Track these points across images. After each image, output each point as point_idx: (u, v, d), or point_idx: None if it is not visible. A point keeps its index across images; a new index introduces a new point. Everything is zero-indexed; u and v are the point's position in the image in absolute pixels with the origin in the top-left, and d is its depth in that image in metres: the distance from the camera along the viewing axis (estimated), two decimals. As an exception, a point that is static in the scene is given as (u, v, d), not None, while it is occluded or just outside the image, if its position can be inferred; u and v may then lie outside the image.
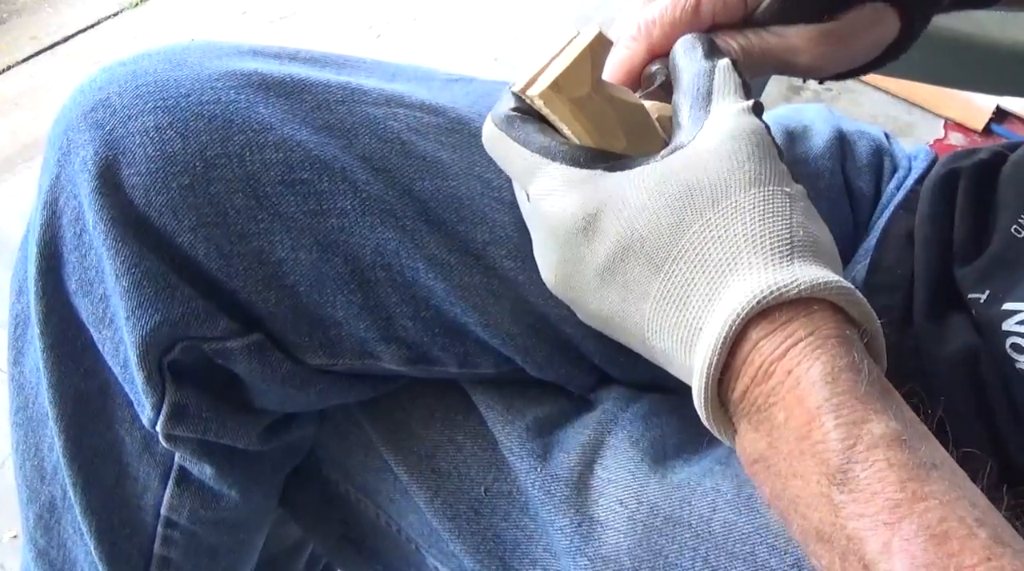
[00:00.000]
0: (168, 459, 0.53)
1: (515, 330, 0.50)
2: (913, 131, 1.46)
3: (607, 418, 0.52)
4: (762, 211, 0.37)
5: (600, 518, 0.48)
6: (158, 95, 0.45)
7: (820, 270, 0.36)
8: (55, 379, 0.51)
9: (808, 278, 0.35)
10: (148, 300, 0.45)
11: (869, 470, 0.32)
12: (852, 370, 0.34)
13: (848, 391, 0.33)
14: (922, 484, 0.31)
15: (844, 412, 0.33)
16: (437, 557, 0.55)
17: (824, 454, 0.33)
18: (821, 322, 0.35)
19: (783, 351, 0.34)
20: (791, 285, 0.35)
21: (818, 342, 0.34)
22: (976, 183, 0.55)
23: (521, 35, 1.75)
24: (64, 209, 0.47)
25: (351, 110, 0.48)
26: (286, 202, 0.46)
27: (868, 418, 0.33)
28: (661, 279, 0.37)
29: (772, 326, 0.35)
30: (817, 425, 0.33)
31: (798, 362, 0.34)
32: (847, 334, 0.35)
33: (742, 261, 0.36)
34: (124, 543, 0.54)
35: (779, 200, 0.38)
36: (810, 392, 0.34)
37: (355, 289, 0.47)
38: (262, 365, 0.48)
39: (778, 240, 0.36)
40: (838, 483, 0.32)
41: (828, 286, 0.35)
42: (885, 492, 0.31)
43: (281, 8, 1.90)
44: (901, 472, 0.31)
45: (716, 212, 0.37)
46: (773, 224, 0.37)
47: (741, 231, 0.37)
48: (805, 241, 0.37)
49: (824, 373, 0.33)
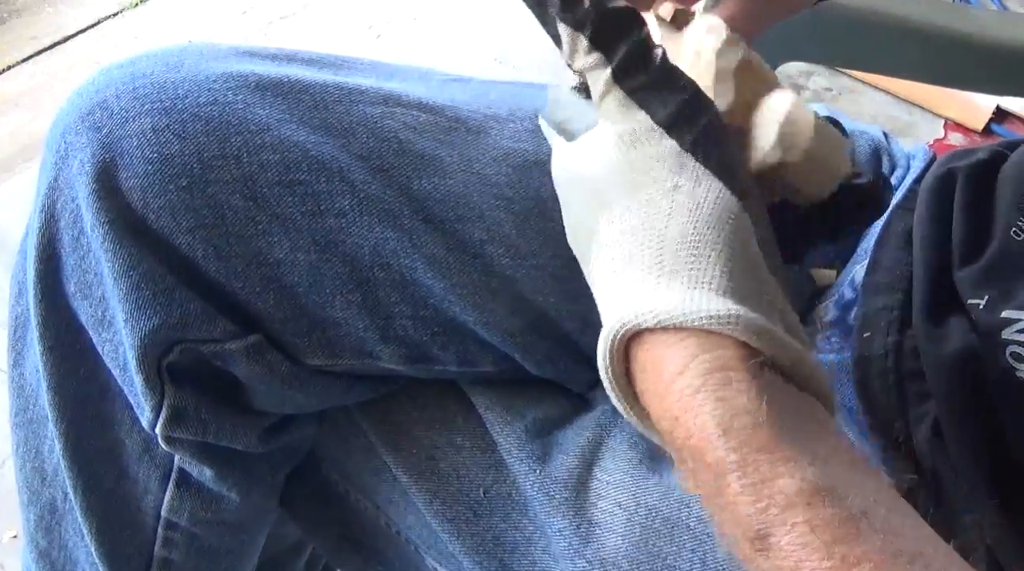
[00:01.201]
0: (168, 461, 0.53)
1: (514, 328, 0.50)
2: (913, 131, 1.45)
3: (606, 419, 0.52)
4: (640, 221, 0.34)
5: (599, 520, 0.48)
6: (155, 97, 0.45)
7: (694, 293, 0.32)
8: (55, 381, 0.51)
9: (669, 308, 0.31)
10: (146, 302, 0.45)
11: (790, 535, 0.28)
12: (746, 413, 0.30)
13: (746, 442, 0.29)
14: (851, 546, 0.28)
15: (748, 470, 0.29)
16: (436, 558, 0.55)
17: (739, 517, 0.29)
18: (699, 350, 0.31)
19: (664, 389, 0.31)
20: (643, 316, 0.31)
21: (696, 382, 0.30)
22: (974, 183, 0.55)
23: (521, 35, 1.75)
24: (62, 212, 0.47)
25: (348, 109, 0.48)
26: (284, 203, 0.46)
27: (777, 473, 0.29)
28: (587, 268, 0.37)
29: (647, 355, 0.32)
30: (724, 485, 0.30)
31: (684, 409, 0.30)
32: (736, 366, 0.31)
33: (630, 269, 0.34)
34: (125, 544, 0.54)
35: (662, 201, 0.34)
36: (706, 447, 0.30)
37: (354, 289, 0.47)
38: (261, 366, 0.48)
39: (647, 253, 0.33)
40: (759, 550, 0.29)
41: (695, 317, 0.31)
42: (810, 561, 0.28)
43: (281, 8, 1.90)
44: (825, 533, 0.28)
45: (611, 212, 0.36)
46: (645, 234, 0.34)
47: (630, 235, 0.34)
48: (682, 253, 0.33)
49: (715, 424, 0.30)
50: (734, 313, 0.31)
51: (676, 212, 0.34)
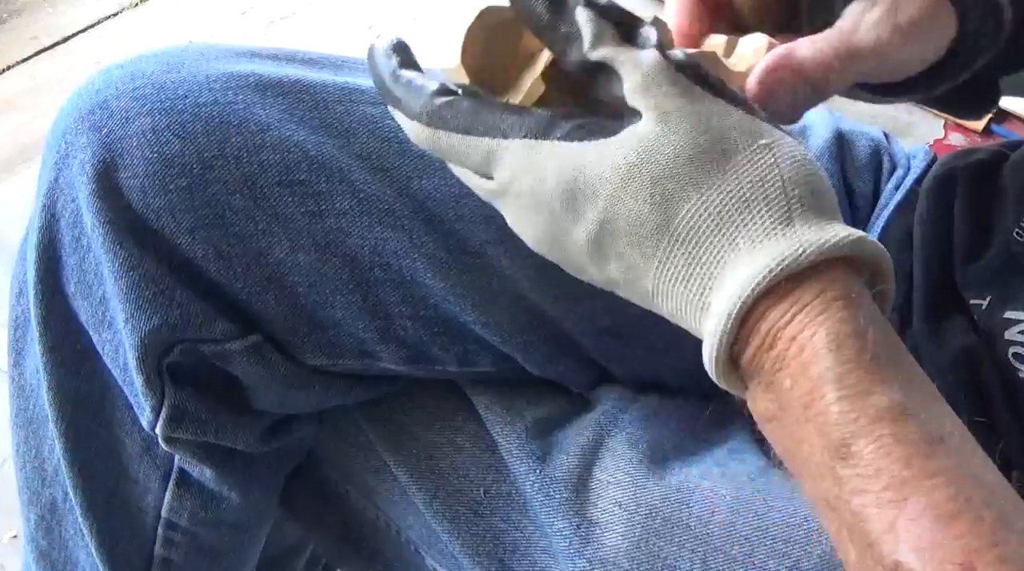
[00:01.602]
0: (168, 461, 0.53)
1: (514, 328, 0.50)
2: (913, 131, 1.45)
3: (606, 419, 0.52)
4: (749, 178, 0.35)
5: (599, 520, 0.48)
6: (155, 97, 0.45)
7: (822, 227, 0.34)
8: (55, 381, 0.51)
9: (812, 241, 0.33)
10: (147, 302, 0.45)
11: (873, 445, 0.31)
12: (857, 336, 0.32)
13: (852, 359, 0.32)
14: (929, 460, 0.30)
15: (847, 383, 0.32)
16: (436, 558, 0.55)
17: (826, 426, 0.32)
18: (828, 282, 0.33)
19: (788, 318, 0.33)
20: (796, 256, 0.33)
21: (822, 306, 0.33)
22: (975, 183, 0.55)
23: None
24: (62, 212, 0.47)
25: (348, 110, 0.48)
26: (284, 203, 0.46)
27: (872, 389, 0.31)
28: (656, 265, 0.36)
29: (778, 294, 0.33)
30: (819, 396, 0.32)
31: (802, 328, 0.33)
32: (855, 294, 0.33)
33: (741, 235, 0.34)
34: (125, 544, 0.54)
35: (762, 158, 0.35)
36: (813, 360, 0.32)
37: (354, 289, 0.47)
38: (261, 366, 0.48)
39: (774, 204, 0.34)
40: (841, 457, 0.31)
41: (834, 245, 0.33)
42: (890, 469, 0.30)
43: (281, 8, 1.90)
44: (907, 448, 0.30)
45: (700, 191, 0.35)
46: (764, 188, 0.35)
47: (732, 204, 0.35)
48: (801, 195, 0.35)
49: (828, 341, 0.32)
50: (851, 238, 0.34)
51: (781, 162, 0.35)
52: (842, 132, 0.65)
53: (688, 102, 0.36)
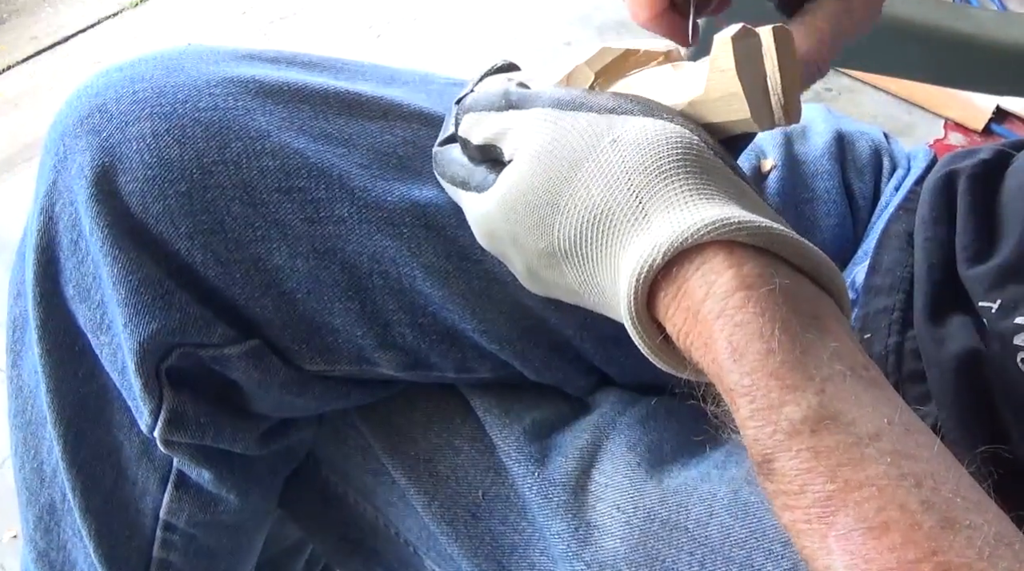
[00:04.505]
0: (166, 464, 0.53)
1: (512, 335, 0.49)
2: (913, 131, 1.45)
3: (605, 422, 0.52)
4: (599, 183, 0.34)
5: (597, 523, 0.48)
6: (155, 101, 0.45)
7: (688, 211, 0.32)
8: (53, 383, 0.51)
9: (666, 236, 0.31)
10: (145, 307, 0.45)
11: (794, 461, 0.29)
12: (760, 339, 0.30)
13: (757, 368, 0.30)
14: (856, 470, 0.29)
15: (757, 395, 0.30)
16: (435, 560, 0.55)
17: (747, 440, 0.30)
18: (715, 275, 0.31)
19: (683, 324, 0.32)
20: (651, 259, 0.31)
21: (717, 306, 0.31)
22: (979, 183, 0.55)
23: (521, 35, 1.75)
24: (60, 215, 0.47)
25: (348, 122, 0.48)
26: (283, 209, 0.46)
27: (784, 400, 0.30)
28: (569, 284, 0.38)
29: (670, 288, 0.32)
30: (735, 409, 0.31)
31: (702, 336, 0.31)
32: (750, 280, 0.31)
33: (610, 241, 0.34)
34: (123, 546, 0.54)
35: (607, 157, 0.35)
36: (720, 372, 0.31)
37: (352, 296, 0.47)
38: (259, 371, 0.48)
39: (624, 204, 0.33)
40: (764, 474, 0.30)
41: (695, 233, 0.31)
42: (814, 485, 0.29)
43: (281, 8, 1.90)
44: (829, 459, 0.29)
45: (561, 212, 0.36)
46: (612, 191, 0.34)
47: (588, 214, 0.34)
48: (649, 182, 0.33)
49: (729, 351, 0.30)
50: (744, 218, 0.31)
51: (626, 154, 0.34)
52: (842, 132, 0.65)
53: (536, 129, 0.38)
